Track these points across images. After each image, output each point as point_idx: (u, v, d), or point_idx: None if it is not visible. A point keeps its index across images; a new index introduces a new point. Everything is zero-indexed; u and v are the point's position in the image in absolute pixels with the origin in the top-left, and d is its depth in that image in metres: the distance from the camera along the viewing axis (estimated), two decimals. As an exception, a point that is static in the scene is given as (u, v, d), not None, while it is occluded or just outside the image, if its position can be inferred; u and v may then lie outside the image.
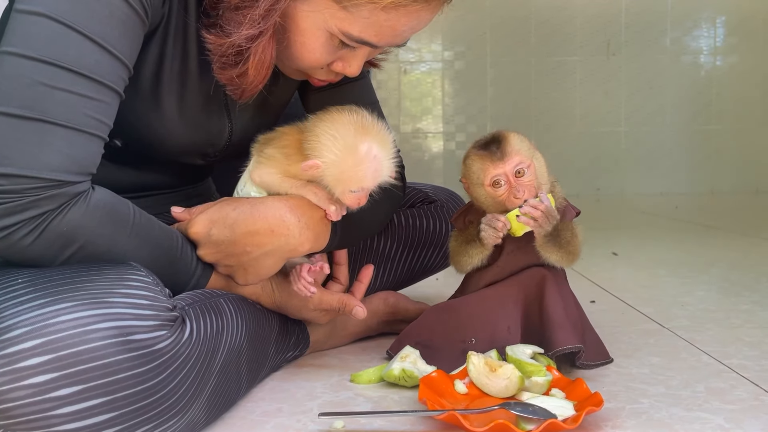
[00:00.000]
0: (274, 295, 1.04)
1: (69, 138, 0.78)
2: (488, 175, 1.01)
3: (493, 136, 1.03)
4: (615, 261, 2.06)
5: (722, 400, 0.96)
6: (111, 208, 0.84)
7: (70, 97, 0.78)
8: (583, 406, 0.87)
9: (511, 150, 1.00)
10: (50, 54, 0.77)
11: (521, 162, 1.00)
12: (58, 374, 0.66)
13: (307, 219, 0.97)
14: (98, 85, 0.80)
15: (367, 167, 0.93)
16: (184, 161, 1.07)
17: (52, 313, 0.68)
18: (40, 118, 0.76)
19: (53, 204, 0.77)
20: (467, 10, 4.19)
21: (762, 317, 1.39)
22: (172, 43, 0.94)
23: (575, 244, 1.04)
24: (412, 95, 4.26)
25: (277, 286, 1.04)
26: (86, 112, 0.79)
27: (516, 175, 1.00)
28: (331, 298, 1.06)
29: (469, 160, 1.04)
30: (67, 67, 0.78)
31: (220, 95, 1.03)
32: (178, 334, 0.76)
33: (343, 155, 0.93)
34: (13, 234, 0.77)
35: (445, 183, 3.99)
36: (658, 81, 4.19)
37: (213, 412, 0.86)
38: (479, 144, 1.04)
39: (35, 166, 0.76)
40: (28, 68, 0.76)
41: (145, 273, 0.78)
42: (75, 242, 0.80)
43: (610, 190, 4.17)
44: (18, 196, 0.76)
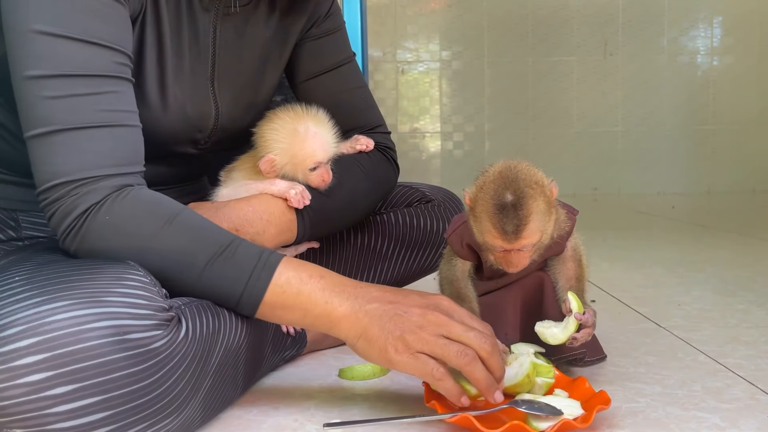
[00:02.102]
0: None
1: (90, 136, 0.83)
2: (494, 243, 0.92)
3: (516, 201, 0.89)
4: (612, 260, 2.06)
5: (718, 399, 0.96)
6: (151, 200, 0.86)
7: (74, 100, 0.82)
8: (589, 405, 0.87)
9: (526, 234, 0.90)
10: (41, 68, 0.81)
11: (530, 243, 0.92)
12: (54, 373, 0.66)
13: (269, 215, 1.04)
14: (97, 79, 0.83)
15: (312, 142, 1.04)
16: (175, 150, 1.07)
17: (48, 312, 0.68)
18: (57, 129, 0.82)
19: (96, 198, 0.83)
20: (465, 10, 4.20)
21: (758, 317, 1.39)
22: (149, 32, 0.96)
23: (586, 271, 1.02)
24: (409, 95, 4.26)
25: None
26: (94, 108, 0.83)
27: (518, 250, 0.92)
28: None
29: (482, 209, 0.91)
30: (60, 73, 0.82)
31: (205, 78, 1.04)
32: (174, 334, 0.76)
33: (288, 140, 1.04)
34: (74, 234, 0.83)
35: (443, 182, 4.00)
36: (655, 81, 4.19)
37: (209, 412, 0.85)
38: (498, 201, 0.89)
39: (69, 171, 0.82)
40: (35, 88, 0.82)
41: (142, 273, 0.78)
42: (123, 233, 0.83)
43: (607, 189, 4.18)
44: (64, 200, 0.82)
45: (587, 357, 1.05)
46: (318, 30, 1.19)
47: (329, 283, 0.85)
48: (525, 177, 0.91)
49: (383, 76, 4.21)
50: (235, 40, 1.07)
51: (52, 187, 0.82)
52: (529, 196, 0.89)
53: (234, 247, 0.85)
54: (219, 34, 1.04)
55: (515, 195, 0.89)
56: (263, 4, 1.09)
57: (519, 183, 0.90)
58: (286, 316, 0.86)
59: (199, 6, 1.01)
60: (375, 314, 0.83)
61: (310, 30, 1.19)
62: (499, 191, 0.89)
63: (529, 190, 0.89)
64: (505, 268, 0.95)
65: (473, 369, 0.81)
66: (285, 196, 1.05)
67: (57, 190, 0.82)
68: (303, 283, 0.84)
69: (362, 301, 0.84)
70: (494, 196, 0.90)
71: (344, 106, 1.11)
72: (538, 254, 0.97)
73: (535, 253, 0.95)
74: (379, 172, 1.21)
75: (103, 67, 0.84)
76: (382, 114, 1.29)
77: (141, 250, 0.83)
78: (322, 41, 1.20)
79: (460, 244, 1.01)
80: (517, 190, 0.89)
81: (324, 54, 1.20)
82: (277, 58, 1.16)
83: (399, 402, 0.97)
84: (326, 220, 1.11)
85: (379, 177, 1.21)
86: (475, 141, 4.24)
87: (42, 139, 0.82)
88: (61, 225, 0.83)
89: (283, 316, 0.86)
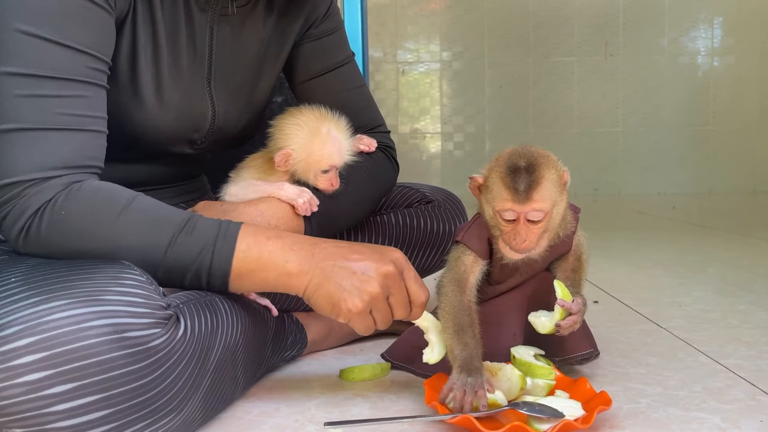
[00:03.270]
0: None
1: (47, 138, 0.83)
2: (504, 206, 0.92)
3: (529, 165, 0.91)
4: (613, 261, 2.06)
5: (719, 400, 0.96)
6: (103, 192, 0.85)
7: (40, 101, 0.83)
8: (590, 406, 0.87)
9: (538, 196, 0.90)
10: (15, 65, 0.82)
11: (541, 209, 0.91)
12: (53, 371, 0.66)
13: (277, 220, 1.03)
14: (66, 83, 0.84)
15: (331, 145, 1.05)
16: (173, 150, 1.07)
17: (47, 311, 0.68)
18: (19, 127, 0.82)
19: (46, 196, 0.82)
20: (465, 11, 4.20)
21: (759, 317, 1.39)
22: (142, 31, 0.96)
23: (585, 266, 1.03)
24: (410, 96, 4.26)
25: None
26: (59, 111, 0.84)
27: (528, 219, 0.92)
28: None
29: (494, 175, 0.93)
30: (32, 73, 0.82)
31: (202, 78, 1.04)
32: (172, 332, 0.76)
33: (309, 138, 1.04)
34: (29, 233, 0.83)
35: (443, 183, 4.00)
36: (656, 82, 4.19)
37: (209, 411, 0.85)
38: (511, 164, 0.92)
39: (23, 171, 0.82)
40: (3, 84, 0.82)
41: (139, 272, 0.78)
42: (79, 228, 0.83)
43: (608, 190, 4.17)
44: (17, 200, 0.82)
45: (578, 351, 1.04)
46: (317, 30, 1.20)
47: (287, 242, 0.88)
48: (538, 151, 0.94)
49: (384, 77, 4.21)
50: (232, 40, 1.07)
51: (4, 186, 0.82)
52: (542, 164, 0.92)
53: (193, 223, 0.86)
54: (216, 35, 1.04)
55: (528, 161, 0.92)
56: (261, 5, 1.09)
57: (532, 153, 0.93)
58: (252, 282, 0.88)
59: (195, 6, 1.01)
60: (330, 271, 0.86)
61: (309, 30, 1.19)
62: (513, 158, 0.93)
63: (542, 159, 0.92)
64: (513, 248, 0.92)
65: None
66: (292, 203, 1.05)
67: (9, 189, 0.82)
68: (262, 245, 0.86)
69: (318, 258, 0.87)
70: (508, 161, 0.93)
71: (345, 106, 1.12)
72: (548, 240, 0.94)
73: (544, 238, 0.93)
74: (381, 172, 1.22)
75: (74, 70, 0.85)
76: (381, 114, 1.29)
77: (100, 241, 0.83)
78: (322, 42, 1.20)
79: (479, 241, 0.98)
80: (531, 158, 0.92)
81: (323, 54, 1.21)
82: (274, 59, 1.16)
83: (399, 402, 0.97)
84: (332, 223, 1.12)
85: (381, 177, 1.22)
86: (475, 142, 4.24)
87: (3, 135, 0.82)
88: (15, 226, 0.83)
89: (249, 283, 0.88)
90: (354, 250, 0.89)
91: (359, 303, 0.86)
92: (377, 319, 0.88)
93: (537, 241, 0.92)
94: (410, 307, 0.90)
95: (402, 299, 0.89)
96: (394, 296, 0.88)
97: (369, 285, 0.86)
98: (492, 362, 0.96)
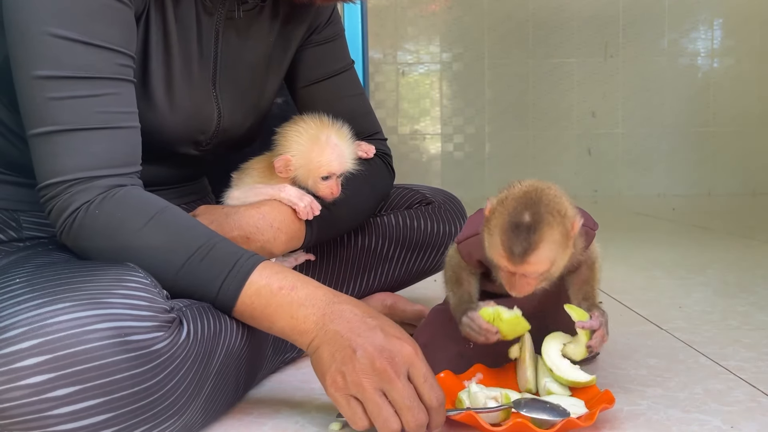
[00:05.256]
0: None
1: (86, 138, 0.85)
2: (500, 262, 0.88)
3: (531, 223, 0.84)
4: (613, 263, 2.06)
5: (720, 401, 0.96)
6: (136, 200, 0.87)
7: (77, 101, 0.84)
8: (593, 404, 0.87)
9: (534, 260, 0.85)
10: (46, 68, 0.84)
11: (536, 271, 0.87)
12: (56, 374, 0.66)
13: (279, 223, 1.05)
14: (100, 81, 0.86)
15: (330, 152, 1.05)
16: (177, 151, 1.07)
17: (50, 314, 0.68)
18: (58, 129, 0.84)
19: (87, 196, 0.85)
20: (465, 12, 4.20)
21: (759, 319, 1.39)
22: (154, 32, 0.97)
23: (598, 275, 1.02)
24: (410, 97, 4.26)
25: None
26: (95, 110, 0.85)
27: (524, 275, 0.88)
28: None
29: (496, 223, 0.87)
30: (64, 75, 0.84)
31: (207, 80, 1.05)
32: (176, 336, 0.76)
33: (309, 144, 1.06)
34: (67, 230, 0.86)
35: (443, 184, 4.00)
36: (656, 83, 4.19)
37: (210, 414, 0.85)
38: (514, 218, 0.85)
39: (66, 171, 0.85)
40: (37, 88, 0.84)
41: (143, 274, 0.78)
42: (105, 231, 0.85)
43: (608, 191, 4.17)
44: (59, 198, 0.86)
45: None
46: (319, 36, 1.21)
47: (300, 295, 0.83)
48: (548, 202, 0.86)
49: (384, 78, 4.21)
50: (238, 44, 1.08)
51: (50, 185, 0.85)
52: (546, 223, 0.84)
53: (208, 248, 0.84)
54: (222, 38, 1.05)
55: (532, 218, 0.84)
56: (266, 9, 1.10)
57: (540, 207, 0.85)
58: (257, 326, 0.86)
59: (203, 10, 1.02)
60: (332, 339, 0.80)
61: (311, 36, 1.20)
62: (518, 209, 0.85)
63: (548, 217, 0.85)
64: (507, 289, 0.90)
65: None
66: (293, 206, 1.06)
67: (54, 188, 0.85)
68: (273, 295, 0.83)
69: (327, 320, 0.81)
70: (512, 213, 0.85)
71: (343, 113, 1.12)
72: (548, 284, 0.92)
73: (542, 283, 0.90)
74: (379, 178, 1.23)
75: (104, 69, 0.86)
76: (378, 120, 1.30)
77: (123, 246, 0.85)
78: (323, 48, 1.22)
79: (469, 256, 0.98)
80: (536, 214, 0.84)
81: (324, 61, 1.22)
82: (278, 64, 1.17)
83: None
84: (332, 227, 1.13)
85: (379, 183, 1.23)
86: (475, 143, 4.24)
87: (43, 138, 0.85)
88: (57, 221, 0.87)
89: (255, 325, 0.87)
90: (367, 325, 0.81)
91: (340, 382, 0.79)
92: (370, 413, 0.78)
93: (534, 287, 0.90)
94: (422, 411, 0.79)
95: (401, 400, 0.78)
96: (390, 396, 0.78)
97: (354, 372, 0.78)
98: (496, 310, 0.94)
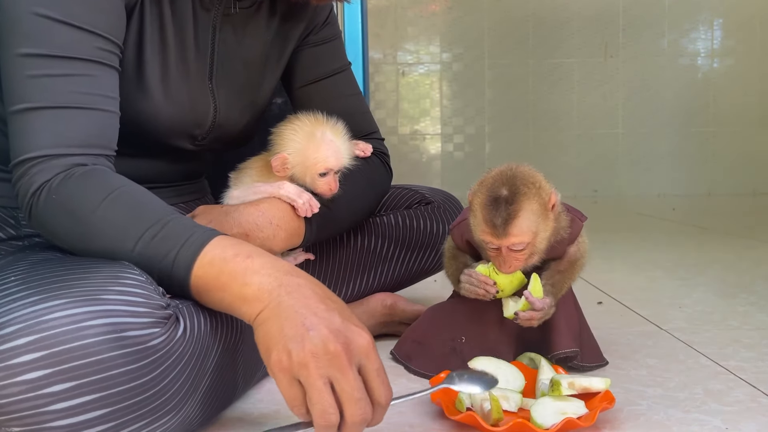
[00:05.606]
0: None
1: (55, 116, 0.85)
2: (484, 238, 0.94)
3: (509, 195, 0.91)
4: (613, 263, 2.06)
5: (720, 401, 0.95)
6: (95, 179, 0.85)
7: (51, 80, 0.84)
8: (593, 404, 0.87)
9: (516, 230, 0.91)
10: (26, 45, 0.84)
11: (520, 242, 0.93)
12: (52, 371, 0.66)
13: (278, 220, 1.04)
14: (76, 62, 0.86)
15: (326, 148, 1.06)
16: (173, 144, 1.07)
17: (46, 310, 0.68)
18: (29, 107, 0.84)
19: (47, 175, 0.84)
20: (465, 12, 4.20)
21: (759, 319, 1.39)
22: (149, 22, 0.97)
23: (577, 272, 1.04)
24: (410, 97, 4.26)
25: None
26: (68, 90, 0.85)
27: (510, 249, 0.94)
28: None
29: (477, 201, 0.95)
30: (41, 53, 0.84)
31: (204, 75, 1.05)
32: (172, 332, 0.75)
33: (304, 142, 1.06)
34: (29, 212, 0.85)
35: (443, 184, 4.00)
36: (656, 83, 4.19)
37: (208, 411, 0.85)
38: (492, 193, 0.92)
39: (30, 150, 0.84)
40: (18, 66, 0.84)
41: (138, 272, 0.78)
42: (64, 211, 0.83)
43: (608, 192, 4.17)
44: (24, 179, 0.85)
45: (585, 362, 1.06)
46: (316, 37, 1.21)
47: (256, 263, 0.77)
48: (523, 177, 0.93)
49: (384, 78, 4.21)
50: (234, 40, 1.08)
51: (17, 163, 0.85)
52: (522, 194, 0.91)
53: (164, 223, 0.80)
54: (218, 34, 1.05)
55: (509, 191, 0.92)
56: (264, 7, 1.10)
57: (515, 180, 0.93)
58: (210, 301, 0.79)
59: (199, 5, 1.02)
60: (284, 312, 0.73)
61: (308, 37, 1.21)
62: (495, 186, 0.93)
63: (523, 188, 0.92)
64: (498, 268, 0.96)
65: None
66: (292, 203, 1.06)
67: (21, 167, 0.85)
68: (226, 262, 0.77)
69: (282, 292, 0.74)
70: (490, 189, 0.93)
71: (339, 112, 1.12)
72: (538, 258, 0.98)
73: (531, 258, 0.96)
74: (377, 176, 1.23)
75: (83, 51, 0.86)
76: (378, 120, 1.31)
77: (81, 223, 0.82)
78: (320, 48, 1.22)
79: (461, 238, 1.04)
80: (512, 187, 0.92)
81: (321, 61, 1.22)
82: (275, 62, 1.17)
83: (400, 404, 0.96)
84: (331, 225, 1.13)
85: (377, 182, 1.23)
86: (475, 143, 4.24)
87: (18, 116, 0.84)
88: (22, 203, 0.86)
89: (208, 301, 0.79)
90: (326, 305, 0.74)
91: (285, 360, 0.71)
92: (309, 399, 0.71)
93: (524, 261, 0.95)
94: (369, 406, 0.72)
95: (351, 391, 0.71)
96: (338, 385, 0.71)
97: (303, 352, 0.70)
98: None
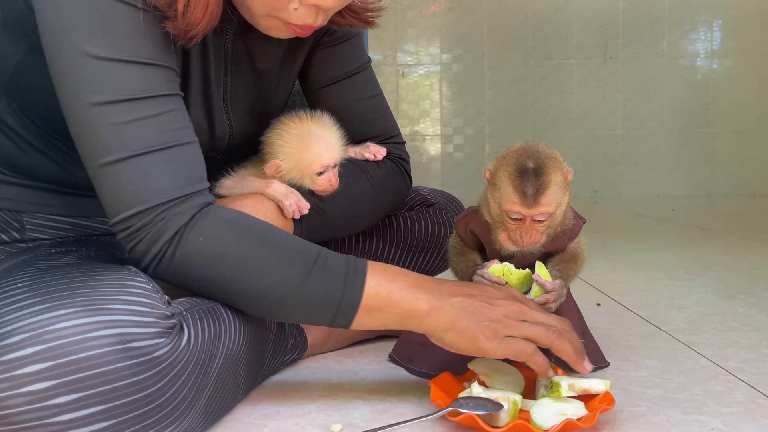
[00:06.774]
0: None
1: (162, 158, 0.82)
2: (512, 208, 0.96)
3: (537, 167, 0.95)
4: (613, 263, 2.06)
5: (720, 403, 0.96)
6: (237, 219, 0.86)
7: (139, 124, 0.81)
8: (592, 405, 0.87)
9: (545, 200, 0.95)
10: (102, 94, 0.80)
11: (547, 212, 0.96)
12: (58, 381, 0.66)
13: (262, 216, 1.00)
14: (157, 100, 0.83)
15: (317, 145, 1.03)
16: None
17: (52, 320, 0.68)
18: (129, 155, 0.81)
19: (183, 219, 0.83)
20: (465, 13, 4.20)
21: (759, 320, 1.39)
22: (181, 55, 0.94)
23: (579, 266, 1.05)
24: (409, 98, 4.26)
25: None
26: (161, 129, 0.83)
27: (534, 219, 0.96)
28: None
29: (503, 174, 0.97)
30: (123, 98, 0.80)
31: (219, 98, 1.03)
32: (177, 341, 0.75)
33: (294, 144, 1.04)
34: (167, 258, 0.83)
35: (443, 185, 4.00)
36: (655, 84, 4.20)
37: (211, 417, 0.85)
38: (520, 165, 0.96)
39: (149, 197, 0.81)
40: (96, 115, 0.80)
41: (145, 279, 0.78)
42: (217, 254, 0.83)
43: (607, 192, 4.18)
44: (150, 227, 0.82)
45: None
46: (330, 38, 1.16)
47: (412, 281, 0.88)
48: (545, 151, 0.97)
49: (384, 79, 4.21)
50: (247, 58, 1.05)
51: (132, 215, 0.81)
52: (549, 166, 0.95)
53: (324, 257, 0.86)
54: (231, 55, 1.02)
55: (536, 163, 0.95)
56: None
57: (540, 154, 0.96)
58: (378, 319, 0.87)
59: (211, 31, 0.97)
60: (461, 307, 0.87)
61: (322, 38, 1.16)
62: (521, 159, 0.96)
63: (549, 161, 0.96)
64: (515, 243, 0.98)
65: (562, 342, 0.88)
66: (279, 203, 1.03)
67: (140, 217, 0.81)
68: (391, 282, 0.87)
69: (446, 296, 0.87)
70: (516, 162, 0.96)
71: (356, 116, 1.10)
72: (548, 236, 0.99)
73: (545, 233, 0.98)
74: (389, 182, 1.18)
75: (159, 86, 0.83)
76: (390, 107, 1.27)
77: (235, 271, 0.83)
78: (335, 49, 1.17)
79: (464, 229, 1.06)
80: (539, 160, 0.95)
81: (336, 62, 1.18)
82: (289, 68, 1.14)
83: (401, 405, 0.97)
84: (325, 227, 1.10)
85: (388, 187, 1.19)
86: (475, 144, 4.24)
87: (112, 167, 0.81)
88: (150, 252, 0.83)
89: (375, 319, 0.87)
90: (473, 286, 0.91)
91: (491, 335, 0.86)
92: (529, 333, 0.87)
93: (541, 236, 0.98)
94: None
95: (542, 317, 0.89)
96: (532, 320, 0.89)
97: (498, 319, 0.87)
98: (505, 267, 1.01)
